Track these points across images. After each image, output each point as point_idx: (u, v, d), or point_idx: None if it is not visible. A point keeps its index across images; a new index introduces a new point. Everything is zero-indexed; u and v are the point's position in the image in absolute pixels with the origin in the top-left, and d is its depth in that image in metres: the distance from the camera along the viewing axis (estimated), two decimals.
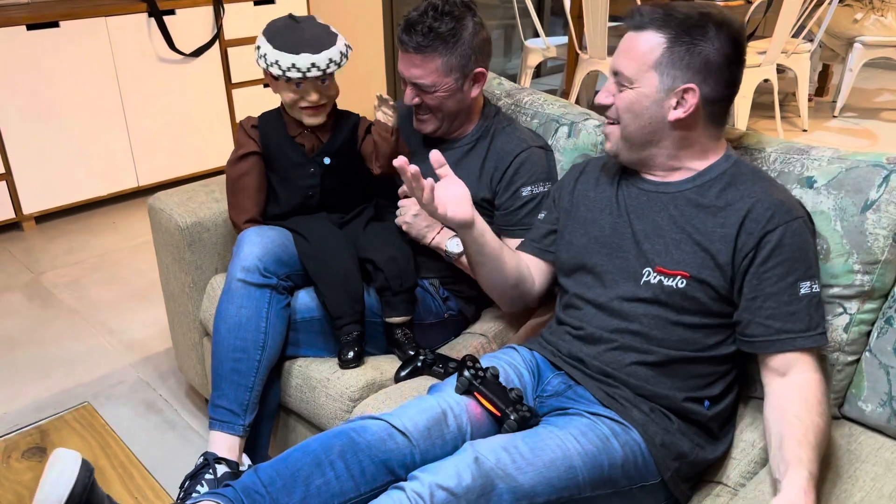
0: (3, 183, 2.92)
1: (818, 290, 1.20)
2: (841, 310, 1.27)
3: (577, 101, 4.19)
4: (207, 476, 1.38)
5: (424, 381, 1.45)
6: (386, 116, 1.56)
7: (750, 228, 1.19)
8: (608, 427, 1.18)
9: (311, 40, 1.50)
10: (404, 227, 1.60)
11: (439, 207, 1.28)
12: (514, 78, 4.91)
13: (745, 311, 1.21)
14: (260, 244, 1.50)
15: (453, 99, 1.57)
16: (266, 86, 3.49)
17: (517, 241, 1.54)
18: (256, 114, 1.69)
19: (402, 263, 1.55)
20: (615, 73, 1.27)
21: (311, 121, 1.58)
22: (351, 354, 1.48)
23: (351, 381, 1.46)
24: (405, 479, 1.09)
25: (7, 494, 1.19)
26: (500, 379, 1.25)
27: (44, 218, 3.16)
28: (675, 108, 1.23)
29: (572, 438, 1.15)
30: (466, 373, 1.22)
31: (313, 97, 1.54)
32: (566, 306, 1.37)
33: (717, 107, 1.25)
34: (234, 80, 3.41)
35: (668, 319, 1.24)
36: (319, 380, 1.49)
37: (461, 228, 1.33)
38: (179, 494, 1.39)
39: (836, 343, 1.27)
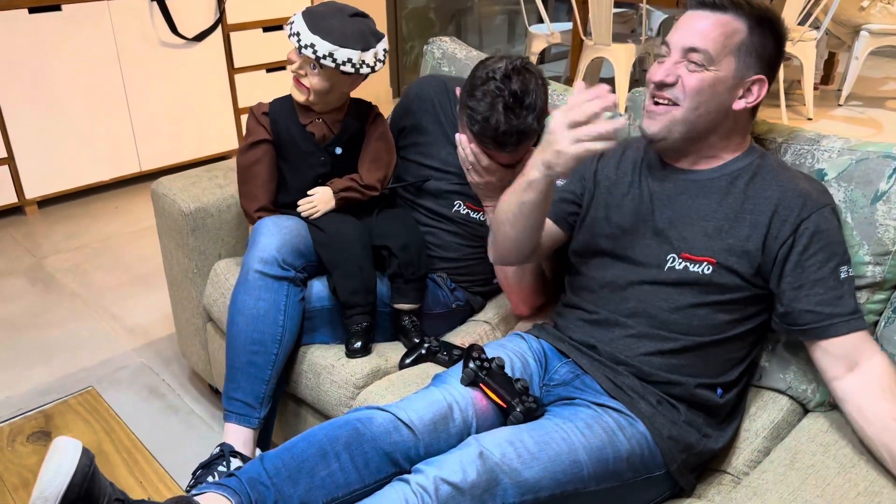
0: (6, 167, 2.91)
1: (853, 274, 1.20)
2: None
3: None
4: (220, 468, 1.38)
5: (429, 369, 1.45)
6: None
7: (784, 215, 1.19)
8: (614, 420, 1.18)
9: (338, 30, 1.48)
10: (476, 179, 1.50)
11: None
12: None
13: (793, 301, 1.19)
14: (278, 235, 1.49)
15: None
16: (269, 70, 3.48)
17: None
18: (259, 99, 1.68)
19: (415, 251, 1.55)
20: (689, 50, 1.20)
21: (294, 92, 1.57)
22: (359, 344, 1.48)
23: (356, 369, 1.46)
24: (409, 472, 1.10)
25: (12, 478, 1.19)
26: (506, 369, 1.25)
27: (46, 202, 3.15)
28: (740, 98, 1.22)
29: (578, 432, 1.14)
30: (472, 364, 1.22)
31: (298, 68, 1.53)
32: (580, 289, 1.35)
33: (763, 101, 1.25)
34: (236, 65, 3.39)
35: (690, 304, 1.23)
36: (325, 366, 1.49)
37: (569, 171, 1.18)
38: (190, 482, 1.39)
39: None
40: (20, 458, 1.24)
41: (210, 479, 1.37)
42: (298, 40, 1.48)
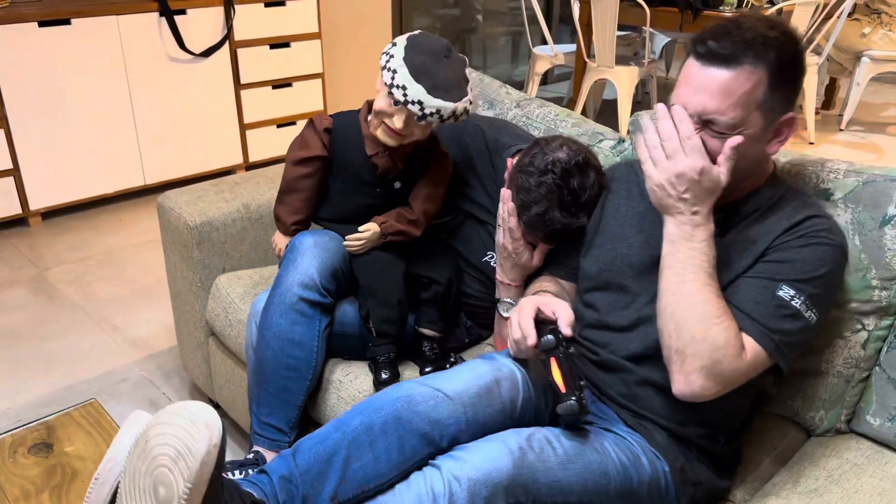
0: (11, 178, 2.92)
1: (800, 307, 1.09)
2: (859, 326, 1.25)
3: (584, 110, 4.19)
4: (241, 473, 1.36)
5: None
6: None
7: (783, 237, 1.14)
8: (638, 445, 1.18)
9: (447, 84, 1.40)
10: (508, 246, 1.45)
11: None
12: (520, 84, 4.92)
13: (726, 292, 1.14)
14: (319, 256, 1.45)
15: None
16: (275, 87, 3.50)
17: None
18: (263, 116, 1.64)
19: (455, 291, 1.55)
20: (706, 119, 1.08)
21: (383, 138, 1.47)
22: (387, 375, 1.45)
23: (364, 385, 1.46)
24: (446, 449, 1.09)
25: (13, 489, 1.19)
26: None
27: (50, 214, 3.16)
28: (771, 140, 1.13)
29: (609, 447, 1.14)
30: (555, 335, 1.17)
31: (398, 124, 1.42)
32: (587, 325, 1.31)
33: None
34: (242, 81, 3.41)
35: None
36: (331, 381, 1.49)
37: None
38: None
39: (854, 360, 1.26)
40: (21, 469, 1.23)
41: (237, 473, 1.34)
42: (420, 108, 1.39)
